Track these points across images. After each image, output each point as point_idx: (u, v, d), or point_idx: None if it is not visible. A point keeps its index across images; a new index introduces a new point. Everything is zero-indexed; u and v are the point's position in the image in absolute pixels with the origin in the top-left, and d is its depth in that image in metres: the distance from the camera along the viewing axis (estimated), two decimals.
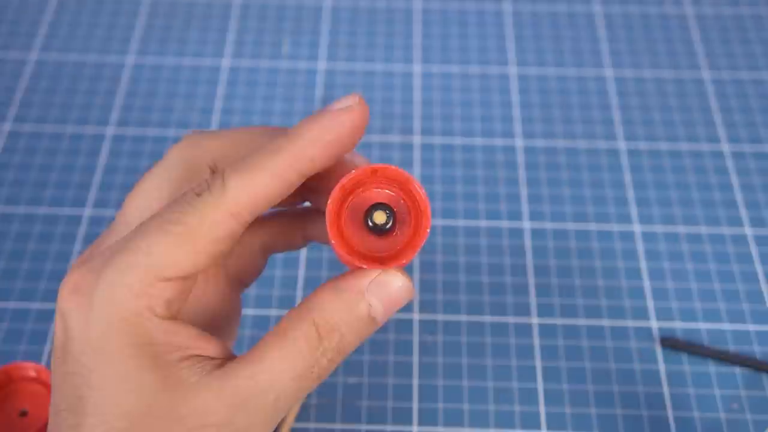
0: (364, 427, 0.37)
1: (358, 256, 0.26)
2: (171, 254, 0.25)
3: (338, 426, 0.37)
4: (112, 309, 0.25)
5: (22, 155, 0.47)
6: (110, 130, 0.48)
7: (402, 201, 0.27)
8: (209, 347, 0.27)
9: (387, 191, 0.27)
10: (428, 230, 0.26)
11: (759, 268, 0.43)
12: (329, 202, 0.26)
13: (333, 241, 0.26)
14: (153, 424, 0.25)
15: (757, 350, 0.40)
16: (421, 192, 0.26)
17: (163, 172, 0.29)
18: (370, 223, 0.26)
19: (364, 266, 0.26)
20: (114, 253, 0.26)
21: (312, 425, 0.37)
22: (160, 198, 0.28)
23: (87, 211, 0.44)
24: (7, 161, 0.47)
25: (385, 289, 0.27)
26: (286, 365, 0.25)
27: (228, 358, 0.27)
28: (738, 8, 0.55)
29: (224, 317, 0.30)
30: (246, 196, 0.25)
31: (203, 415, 0.25)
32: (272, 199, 0.26)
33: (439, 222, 0.44)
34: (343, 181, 0.25)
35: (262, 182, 0.25)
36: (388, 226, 0.26)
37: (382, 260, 0.27)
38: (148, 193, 0.28)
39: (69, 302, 0.26)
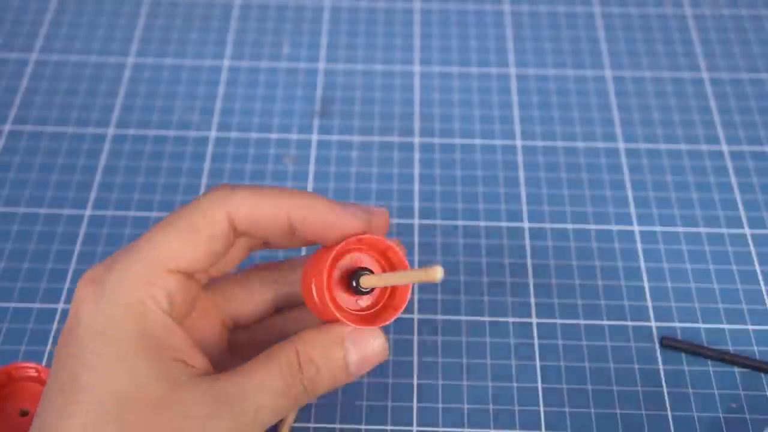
0: (363, 427, 0.37)
1: (348, 316, 0.29)
2: (174, 246, 0.28)
3: (338, 426, 0.37)
4: (120, 296, 0.27)
5: (23, 155, 0.47)
6: (110, 131, 0.48)
7: (381, 263, 0.30)
8: (197, 360, 0.29)
9: (366, 255, 0.30)
10: (408, 294, 0.30)
11: (758, 268, 0.43)
12: (321, 271, 0.29)
13: (329, 304, 0.29)
14: (141, 407, 0.26)
15: (756, 350, 0.40)
16: (400, 259, 0.29)
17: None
18: (355, 285, 0.29)
19: (351, 325, 0.29)
20: (127, 248, 0.28)
21: (312, 425, 0.37)
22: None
23: (87, 212, 0.44)
24: (7, 161, 0.47)
25: (363, 343, 0.29)
26: (268, 381, 0.28)
27: (212, 374, 0.29)
28: (737, 9, 0.55)
29: (217, 354, 0.32)
30: (246, 209, 0.28)
31: (190, 406, 0.26)
32: (263, 226, 0.29)
33: (439, 222, 0.44)
34: (335, 253, 0.28)
35: (262, 206, 0.28)
36: (370, 290, 0.30)
37: (366, 319, 0.30)
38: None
39: (83, 290, 0.28)
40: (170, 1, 0.55)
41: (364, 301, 0.30)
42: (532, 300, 0.41)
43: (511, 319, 0.41)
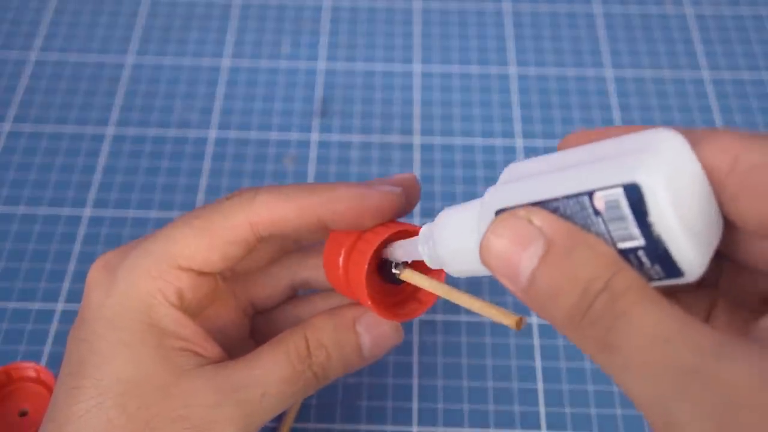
0: (364, 427, 0.37)
1: (375, 300, 0.28)
2: (188, 245, 0.28)
3: (338, 426, 0.37)
4: (130, 286, 0.27)
5: (22, 155, 0.47)
6: (110, 130, 0.48)
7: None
8: (210, 349, 0.28)
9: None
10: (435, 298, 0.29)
11: None
12: (363, 256, 0.27)
13: (367, 298, 0.28)
14: (144, 394, 0.26)
15: None
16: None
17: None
18: (393, 273, 0.28)
19: (371, 311, 0.28)
20: (144, 239, 0.29)
21: (312, 425, 0.37)
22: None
23: (87, 212, 0.44)
24: (7, 161, 0.47)
25: (376, 326, 0.29)
26: (274, 368, 0.27)
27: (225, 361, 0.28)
28: (738, 8, 0.55)
29: (238, 341, 0.32)
30: (268, 214, 0.27)
31: (192, 396, 0.26)
32: (289, 228, 0.28)
33: None
34: (376, 246, 0.27)
35: (285, 209, 0.27)
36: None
37: (397, 314, 0.29)
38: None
39: (95, 275, 0.28)
40: (170, 1, 0.55)
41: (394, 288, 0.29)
42: None
43: None
